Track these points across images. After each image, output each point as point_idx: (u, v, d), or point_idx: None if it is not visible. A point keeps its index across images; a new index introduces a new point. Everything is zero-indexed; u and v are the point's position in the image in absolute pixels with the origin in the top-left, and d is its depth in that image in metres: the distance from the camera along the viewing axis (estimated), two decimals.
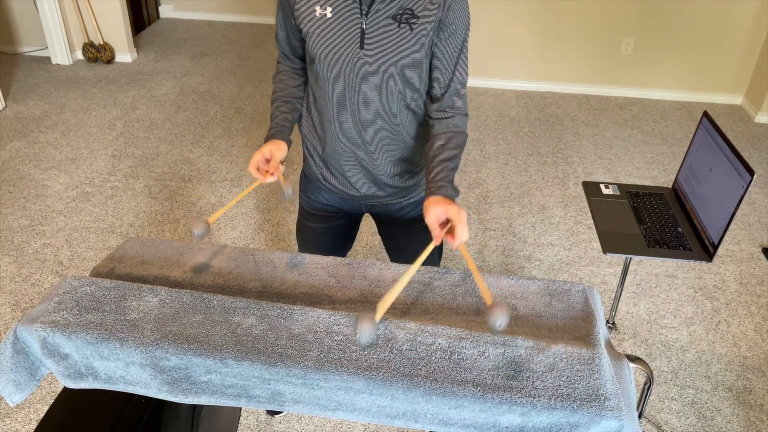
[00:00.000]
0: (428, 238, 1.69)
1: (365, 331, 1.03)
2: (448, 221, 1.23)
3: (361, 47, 1.31)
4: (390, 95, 1.37)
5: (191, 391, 1.09)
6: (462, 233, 1.19)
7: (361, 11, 1.28)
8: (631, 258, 2.00)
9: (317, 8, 1.31)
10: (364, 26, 1.29)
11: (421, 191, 1.60)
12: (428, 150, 1.38)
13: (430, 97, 1.42)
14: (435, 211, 1.23)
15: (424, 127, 1.49)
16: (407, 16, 1.29)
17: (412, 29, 1.29)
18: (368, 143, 1.44)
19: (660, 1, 4.05)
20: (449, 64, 1.36)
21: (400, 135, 1.44)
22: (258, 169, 1.37)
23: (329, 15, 1.30)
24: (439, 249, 1.74)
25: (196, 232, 1.26)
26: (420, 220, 1.64)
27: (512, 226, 3.02)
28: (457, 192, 1.31)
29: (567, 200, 3.23)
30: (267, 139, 1.44)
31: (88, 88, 4.26)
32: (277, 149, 1.40)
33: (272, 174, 1.37)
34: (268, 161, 1.39)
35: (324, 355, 1.04)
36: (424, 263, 1.65)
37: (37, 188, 3.16)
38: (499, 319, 1.04)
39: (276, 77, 1.53)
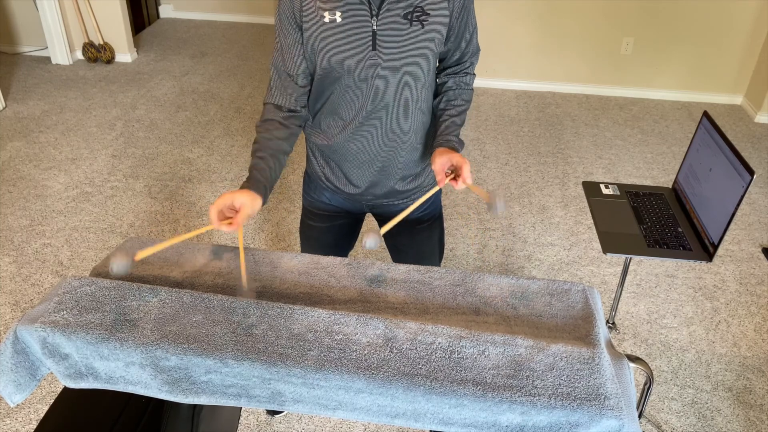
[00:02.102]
0: (431, 238, 1.69)
1: (370, 239, 1.17)
2: (452, 171, 1.31)
3: (374, 49, 1.30)
4: (402, 96, 1.37)
5: (191, 391, 1.09)
6: (466, 174, 1.27)
7: (371, 12, 1.27)
8: (631, 258, 2.00)
9: (326, 14, 1.29)
10: (375, 27, 1.28)
11: (423, 193, 1.60)
12: (437, 103, 1.45)
13: (445, 63, 1.47)
14: (440, 159, 1.30)
15: (428, 128, 1.49)
16: (418, 14, 1.29)
17: (423, 27, 1.29)
18: (374, 145, 1.44)
19: (660, 1, 4.05)
20: (464, 38, 1.41)
21: (407, 137, 1.45)
22: (220, 212, 1.21)
23: (339, 19, 1.29)
24: (440, 249, 1.74)
25: (115, 267, 1.15)
26: (422, 220, 1.64)
27: (512, 226, 3.02)
28: (462, 144, 1.38)
29: (567, 200, 3.23)
30: (245, 186, 1.27)
31: (88, 88, 4.26)
32: (251, 204, 1.23)
33: (231, 225, 1.21)
34: (236, 211, 1.23)
35: (324, 355, 1.04)
36: (424, 263, 1.67)
37: (37, 188, 3.16)
38: (499, 205, 1.18)
39: (262, 125, 1.39)
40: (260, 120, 1.40)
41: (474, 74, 1.48)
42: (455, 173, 1.29)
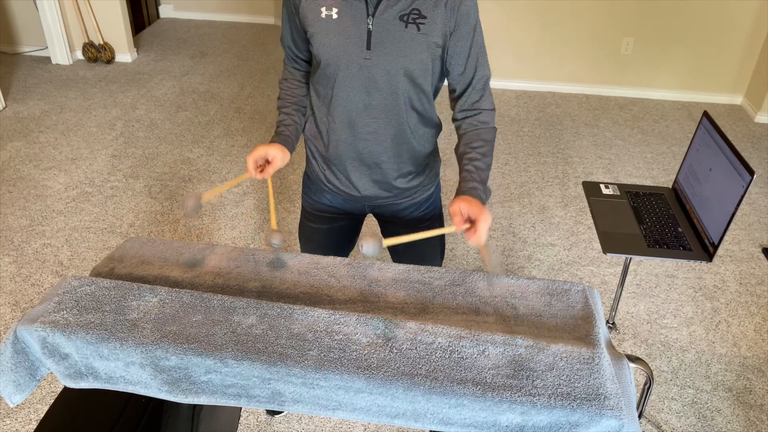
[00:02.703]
0: (432, 238, 1.69)
1: (369, 245, 1.17)
2: (470, 220, 1.24)
3: (368, 48, 1.30)
4: (396, 96, 1.37)
5: (191, 391, 1.09)
6: (482, 231, 1.20)
7: (367, 12, 1.28)
8: (631, 258, 2.00)
9: (323, 9, 1.30)
10: (371, 27, 1.28)
11: (424, 191, 1.60)
12: (457, 148, 1.41)
13: (455, 97, 1.43)
14: (459, 204, 1.23)
15: (429, 128, 1.49)
16: (414, 16, 1.28)
17: (419, 29, 1.29)
18: (372, 144, 1.44)
19: (660, 1, 4.05)
20: (469, 65, 1.37)
21: (405, 136, 1.44)
22: (255, 162, 1.37)
23: (335, 16, 1.29)
24: (440, 250, 1.74)
25: (190, 205, 1.31)
26: (423, 220, 1.64)
27: (512, 226, 3.02)
28: (488, 192, 1.32)
29: (567, 200, 3.23)
30: (275, 140, 1.43)
31: (88, 88, 4.27)
32: (282, 158, 1.40)
33: (263, 175, 1.37)
34: (268, 162, 1.39)
35: (324, 355, 1.04)
36: (424, 263, 1.66)
37: (37, 188, 3.16)
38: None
39: (283, 83, 1.53)
40: (282, 78, 1.54)
41: (493, 110, 1.41)
42: (472, 224, 1.23)
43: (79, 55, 4.70)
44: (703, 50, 4.20)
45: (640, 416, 1.46)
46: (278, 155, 1.39)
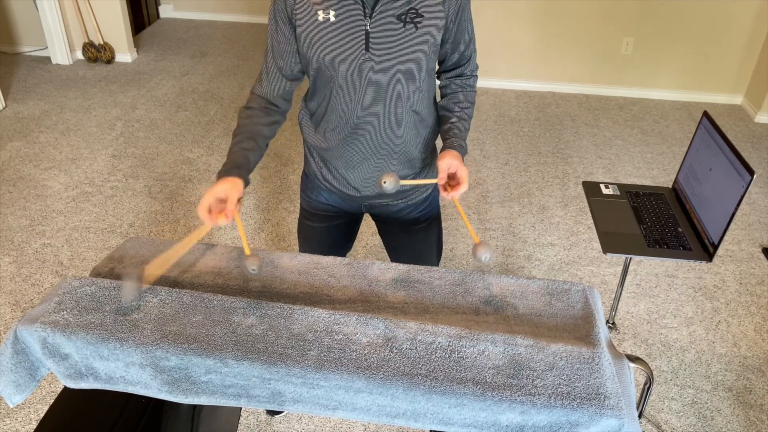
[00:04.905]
0: (429, 238, 1.69)
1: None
2: (453, 176, 1.32)
3: (367, 49, 1.30)
4: (395, 97, 1.37)
5: (191, 391, 1.09)
6: (462, 189, 1.30)
7: (364, 13, 1.27)
8: (631, 258, 2.00)
9: (319, 13, 1.29)
10: (369, 28, 1.28)
11: (421, 193, 1.60)
12: (443, 105, 1.47)
13: (445, 68, 1.47)
14: (449, 161, 1.31)
15: (428, 129, 1.49)
16: (412, 15, 1.28)
17: (417, 28, 1.29)
18: (370, 145, 1.44)
19: (660, 1, 4.05)
20: (463, 42, 1.41)
21: (403, 137, 1.44)
22: (210, 211, 1.21)
23: (332, 19, 1.29)
24: (437, 249, 1.74)
25: (128, 296, 1.13)
26: (420, 221, 1.64)
27: (512, 226, 3.02)
28: (464, 150, 1.39)
29: (567, 200, 3.23)
30: (220, 175, 1.28)
31: (88, 88, 4.27)
32: (232, 187, 1.24)
33: (226, 216, 1.21)
34: (223, 202, 1.23)
35: (324, 355, 1.04)
36: (424, 263, 1.67)
37: (37, 188, 3.16)
38: (485, 254, 1.18)
39: (244, 111, 1.41)
40: (244, 106, 1.43)
41: (476, 76, 1.49)
42: (454, 183, 1.31)
43: (79, 55, 4.70)
44: (703, 50, 4.20)
45: (640, 416, 1.46)
46: (228, 188, 1.24)
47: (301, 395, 1.06)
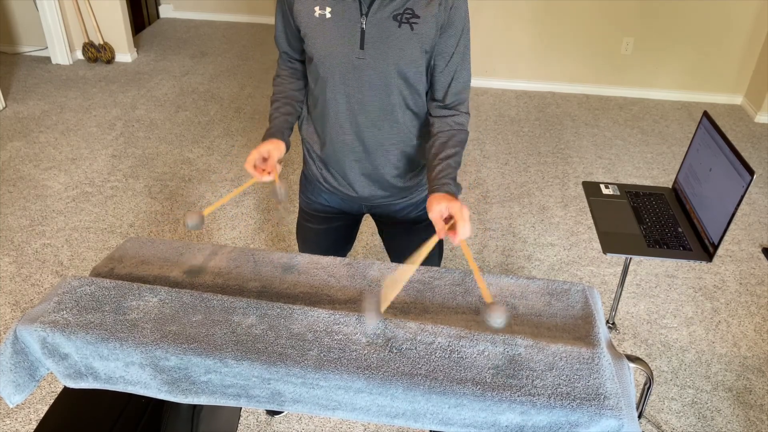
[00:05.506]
0: (427, 239, 1.69)
1: (371, 319, 1.07)
2: (450, 218, 1.22)
3: (361, 47, 1.30)
4: (390, 96, 1.37)
5: (191, 391, 1.09)
6: (463, 230, 1.18)
7: (360, 11, 1.27)
8: (631, 258, 2.00)
9: (316, 8, 1.30)
10: (364, 26, 1.28)
11: (421, 191, 1.60)
12: (430, 147, 1.38)
13: (433, 96, 1.42)
14: (438, 208, 1.22)
15: (425, 126, 1.49)
16: (408, 16, 1.28)
17: (412, 29, 1.29)
18: (368, 144, 1.44)
19: (660, 1, 4.05)
20: (451, 64, 1.36)
21: (401, 135, 1.44)
22: (255, 167, 1.35)
23: (328, 15, 1.29)
24: (439, 249, 1.74)
25: (190, 224, 1.25)
26: (420, 220, 1.64)
27: (512, 226, 3.02)
28: (459, 188, 1.31)
29: (567, 200, 3.23)
30: (265, 137, 1.41)
31: (88, 88, 4.27)
32: (275, 148, 1.37)
33: (269, 173, 1.35)
34: (265, 160, 1.37)
35: (324, 355, 1.04)
36: (424, 263, 1.66)
37: (37, 188, 3.16)
38: (499, 318, 1.03)
39: (276, 80, 1.52)
40: (275, 75, 1.54)
41: (468, 114, 1.43)
42: (453, 223, 1.20)
43: (79, 55, 4.70)
44: (703, 50, 4.20)
45: (640, 416, 1.46)
46: (272, 149, 1.37)
47: (300, 395, 1.06)
